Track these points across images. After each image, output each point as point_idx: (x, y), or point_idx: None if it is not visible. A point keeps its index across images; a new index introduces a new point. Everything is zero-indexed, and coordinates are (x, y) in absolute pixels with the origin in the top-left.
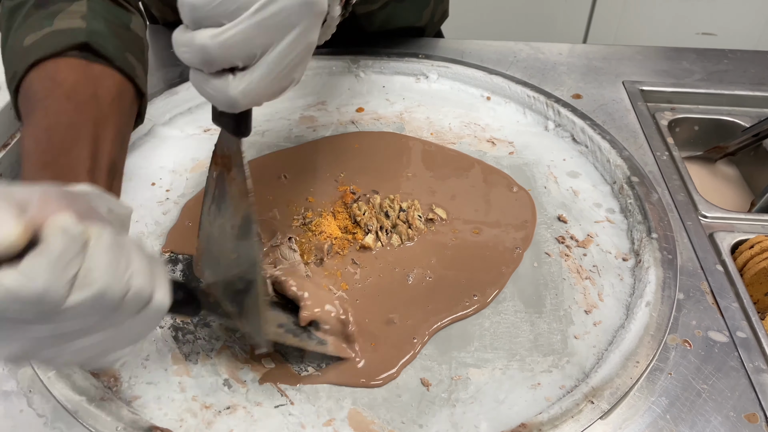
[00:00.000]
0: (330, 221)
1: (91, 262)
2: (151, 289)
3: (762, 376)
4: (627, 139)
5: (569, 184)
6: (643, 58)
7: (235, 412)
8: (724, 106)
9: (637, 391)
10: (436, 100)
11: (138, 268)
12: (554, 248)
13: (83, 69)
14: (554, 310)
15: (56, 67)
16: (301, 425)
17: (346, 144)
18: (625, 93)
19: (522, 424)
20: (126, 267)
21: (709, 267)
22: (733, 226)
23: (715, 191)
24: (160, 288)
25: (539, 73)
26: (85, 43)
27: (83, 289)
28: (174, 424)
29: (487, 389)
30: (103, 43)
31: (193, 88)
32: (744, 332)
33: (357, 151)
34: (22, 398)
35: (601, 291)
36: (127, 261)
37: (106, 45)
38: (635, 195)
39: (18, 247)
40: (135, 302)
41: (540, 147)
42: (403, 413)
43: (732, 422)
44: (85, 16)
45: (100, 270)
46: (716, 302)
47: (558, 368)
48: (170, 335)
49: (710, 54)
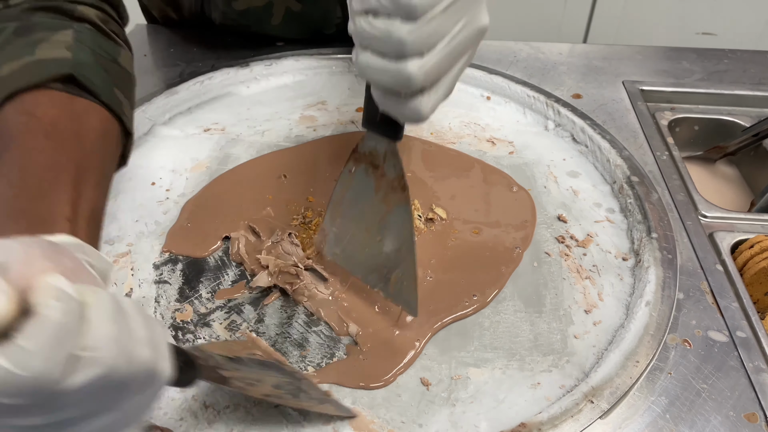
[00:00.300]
0: None
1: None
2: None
3: (762, 376)
4: (627, 138)
5: (569, 183)
6: (643, 57)
7: (235, 412)
8: (724, 105)
9: (636, 391)
10: None
11: (142, 337)
12: (554, 248)
13: (66, 103)
14: (554, 310)
15: (35, 100)
16: (301, 425)
17: (346, 144)
18: (625, 93)
19: (522, 423)
20: (129, 337)
21: (708, 267)
22: (733, 226)
23: (715, 191)
24: (163, 357)
25: (539, 73)
26: (69, 74)
27: (87, 368)
28: (174, 424)
29: (487, 389)
30: (89, 76)
31: (193, 88)
32: (744, 332)
33: None
34: None
35: (601, 291)
36: (129, 329)
37: (93, 78)
38: (635, 195)
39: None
40: (142, 378)
41: (540, 147)
42: (402, 413)
43: (732, 422)
44: (70, 46)
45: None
46: (716, 302)
47: (558, 368)
48: (170, 334)
49: (710, 54)
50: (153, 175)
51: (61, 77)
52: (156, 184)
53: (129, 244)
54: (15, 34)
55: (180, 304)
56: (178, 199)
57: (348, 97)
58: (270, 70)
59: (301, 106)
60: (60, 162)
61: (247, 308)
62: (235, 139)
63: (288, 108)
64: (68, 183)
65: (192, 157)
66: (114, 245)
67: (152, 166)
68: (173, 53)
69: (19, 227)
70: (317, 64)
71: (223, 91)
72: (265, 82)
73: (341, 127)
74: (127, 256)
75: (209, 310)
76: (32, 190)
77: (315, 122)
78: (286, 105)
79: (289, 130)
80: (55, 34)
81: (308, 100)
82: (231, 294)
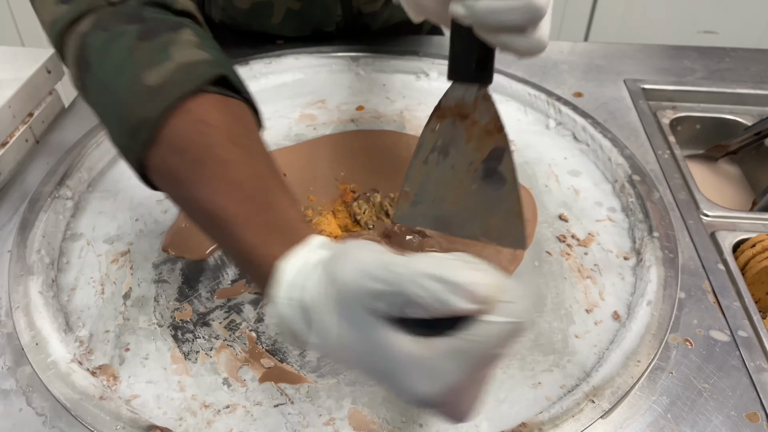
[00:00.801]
0: (330, 220)
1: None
2: None
3: (763, 376)
4: (628, 137)
5: (570, 182)
6: (644, 56)
7: (234, 411)
8: (725, 104)
9: (638, 391)
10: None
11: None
12: (555, 247)
13: (227, 106)
14: (555, 309)
15: (201, 107)
16: (301, 424)
17: (346, 142)
18: (627, 91)
19: (523, 423)
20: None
21: (710, 266)
22: (734, 225)
23: (717, 190)
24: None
25: (540, 72)
26: (222, 75)
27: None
28: (173, 423)
29: (488, 388)
30: (233, 75)
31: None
32: (745, 331)
33: (357, 149)
34: (21, 397)
35: (602, 290)
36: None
37: (233, 76)
38: (636, 194)
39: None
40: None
41: (541, 145)
42: (403, 412)
43: (733, 421)
44: (200, 45)
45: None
46: (718, 301)
47: (559, 367)
48: (169, 334)
49: (712, 52)
50: None
51: (213, 79)
52: None
53: (129, 243)
54: (139, 39)
55: (179, 303)
56: None
57: (348, 96)
58: (270, 69)
59: (300, 104)
60: (259, 169)
61: (247, 308)
62: None
63: (288, 106)
64: (276, 187)
65: None
66: (113, 244)
67: None
68: None
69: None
70: (317, 63)
71: None
72: (264, 81)
73: (341, 125)
74: (126, 254)
75: (209, 309)
76: (259, 202)
77: (315, 120)
78: (286, 103)
79: (288, 129)
80: (177, 34)
81: (308, 99)
82: (231, 294)
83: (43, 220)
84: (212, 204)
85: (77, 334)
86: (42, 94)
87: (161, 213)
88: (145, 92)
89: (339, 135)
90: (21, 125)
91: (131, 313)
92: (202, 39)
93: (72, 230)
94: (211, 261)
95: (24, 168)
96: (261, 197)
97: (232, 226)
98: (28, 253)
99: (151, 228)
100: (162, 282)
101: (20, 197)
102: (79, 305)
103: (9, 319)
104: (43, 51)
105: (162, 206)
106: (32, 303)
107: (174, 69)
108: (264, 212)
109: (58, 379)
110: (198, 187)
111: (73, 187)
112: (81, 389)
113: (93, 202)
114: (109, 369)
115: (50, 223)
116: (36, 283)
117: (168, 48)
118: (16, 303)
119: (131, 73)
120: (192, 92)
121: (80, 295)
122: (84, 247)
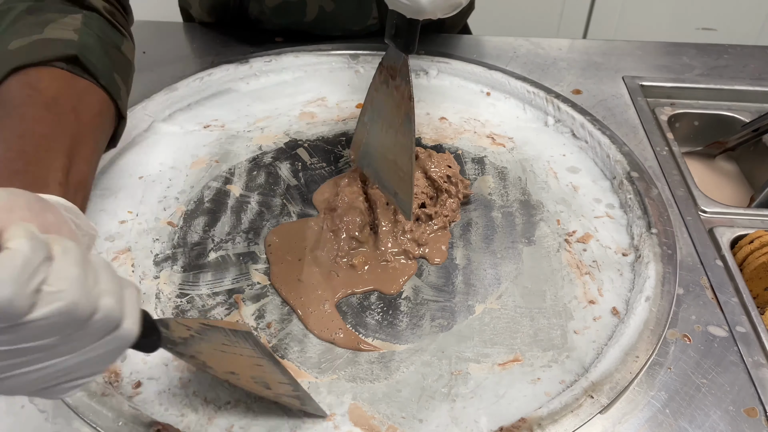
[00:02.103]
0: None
1: (60, 273)
2: (120, 313)
3: (761, 371)
4: (627, 134)
5: (569, 179)
6: (643, 53)
7: (235, 407)
8: (723, 101)
9: (636, 386)
10: (435, 96)
11: (108, 289)
12: (554, 243)
13: (67, 81)
14: (554, 306)
15: (39, 75)
16: (301, 420)
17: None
18: (625, 88)
19: (522, 418)
20: (95, 284)
21: (708, 262)
22: (732, 221)
23: (715, 186)
24: (130, 314)
25: (539, 69)
26: (74, 55)
27: (51, 302)
28: (175, 420)
29: (487, 384)
30: (92, 59)
31: (192, 85)
32: (743, 327)
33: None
34: None
35: (601, 286)
36: (96, 278)
37: (96, 61)
38: (635, 190)
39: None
40: (103, 324)
41: (540, 142)
42: (403, 408)
43: (731, 416)
44: (78, 29)
45: (69, 283)
46: (716, 297)
47: (558, 363)
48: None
49: (710, 49)
50: (153, 171)
51: (66, 57)
52: (156, 180)
53: (129, 241)
54: (27, 12)
55: (180, 300)
56: (178, 196)
57: (348, 93)
58: (269, 67)
59: (300, 102)
60: (57, 133)
61: (248, 305)
62: (234, 135)
63: (288, 104)
64: (62, 152)
65: (192, 154)
66: (114, 242)
67: (152, 163)
68: (172, 50)
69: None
70: (317, 61)
71: (222, 87)
72: (264, 79)
73: (341, 123)
74: (127, 252)
75: (209, 306)
76: (29, 154)
77: (315, 118)
78: (286, 101)
79: (288, 126)
80: (64, 17)
81: (308, 97)
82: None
83: None
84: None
85: None
86: None
87: (162, 211)
88: (3, 55)
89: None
90: None
91: None
92: (88, 27)
93: None
94: (212, 259)
95: None
96: (31, 151)
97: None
98: None
99: (151, 226)
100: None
101: None
102: None
103: None
104: None
105: (163, 204)
106: None
107: (35, 41)
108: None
109: None
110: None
111: None
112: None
113: (94, 199)
114: (112, 366)
115: None
116: None
117: (45, 25)
118: None
119: (3, 39)
120: (38, 62)
121: None
122: None
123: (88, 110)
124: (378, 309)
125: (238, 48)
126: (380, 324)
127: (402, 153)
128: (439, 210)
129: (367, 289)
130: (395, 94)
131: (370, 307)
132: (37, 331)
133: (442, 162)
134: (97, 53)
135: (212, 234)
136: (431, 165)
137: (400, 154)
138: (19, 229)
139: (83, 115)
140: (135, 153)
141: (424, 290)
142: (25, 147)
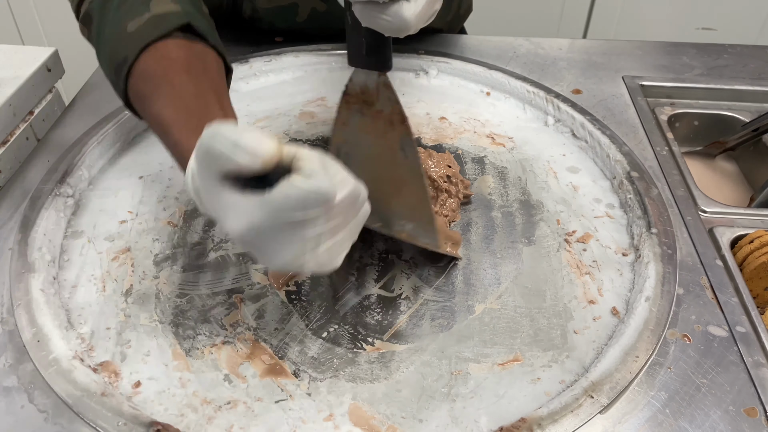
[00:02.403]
0: None
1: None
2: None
3: (761, 371)
4: (627, 134)
5: (569, 179)
6: (642, 53)
7: (235, 408)
8: (723, 101)
9: (636, 386)
10: (435, 95)
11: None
12: (554, 243)
13: (189, 47)
14: (554, 305)
15: (167, 47)
16: (301, 420)
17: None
18: (625, 88)
19: (522, 418)
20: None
21: (708, 262)
22: (732, 221)
23: (715, 186)
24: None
25: (539, 69)
26: (187, 24)
27: (344, 187)
28: (175, 420)
29: (487, 384)
30: (199, 25)
31: None
32: (743, 327)
33: None
34: (23, 394)
35: (601, 286)
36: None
37: (201, 25)
38: (635, 190)
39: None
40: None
41: (540, 142)
42: (403, 408)
43: (731, 416)
44: (176, 0)
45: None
46: (716, 297)
47: (558, 363)
48: (170, 331)
49: (710, 49)
50: (153, 171)
51: (180, 27)
52: (156, 180)
53: (129, 241)
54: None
55: (180, 300)
56: (178, 196)
57: None
58: (269, 67)
59: (300, 102)
60: (202, 91)
61: (248, 304)
62: None
63: (287, 104)
64: (215, 104)
65: None
66: (114, 242)
67: (152, 162)
68: None
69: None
70: (316, 60)
71: None
72: (264, 78)
73: None
74: (127, 252)
75: (209, 306)
76: (195, 113)
77: (314, 118)
78: (286, 101)
79: (288, 126)
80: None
81: (307, 96)
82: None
83: (44, 217)
84: (159, 114)
85: (79, 331)
86: (42, 92)
87: (161, 211)
88: (126, 38)
89: None
90: (21, 123)
91: (132, 310)
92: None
93: (73, 228)
94: (212, 259)
95: (25, 166)
96: (195, 108)
97: (169, 128)
98: (30, 250)
99: (151, 225)
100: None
101: (21, 195)
102: (81, 302)
103: (11, 317)
104: (43, 49)
105: (163, 204)
106: (33, 300)
107: (148, 19)
108: (194, 118)
109: (60, 376)
110: (153, 102)
111: (74, 185)
112: (82, 386)
113: (94, 199)
114: (111, 366)
115: (51, 220)
116: (37, 280)
117: (149, 2)
118: (17, 300)
119: (118, 24)
120: (160, 37)
121: (81, 293)
122: (85, 245)
123: (213, 69)
124: (378, 309)
125: (238, 48)
126: (380, 324)
127: (411, 179)
128: (439, 210)
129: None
130: (378, 122)
131: (370, 307)
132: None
133: (442, 162)
134: (199, 18)
135: (212, 234)
136: (431, 165)
137: (407, 181)
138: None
139: (212, 73)
140: (135, 153)
141: (424, 290)
142: (188, 106)
